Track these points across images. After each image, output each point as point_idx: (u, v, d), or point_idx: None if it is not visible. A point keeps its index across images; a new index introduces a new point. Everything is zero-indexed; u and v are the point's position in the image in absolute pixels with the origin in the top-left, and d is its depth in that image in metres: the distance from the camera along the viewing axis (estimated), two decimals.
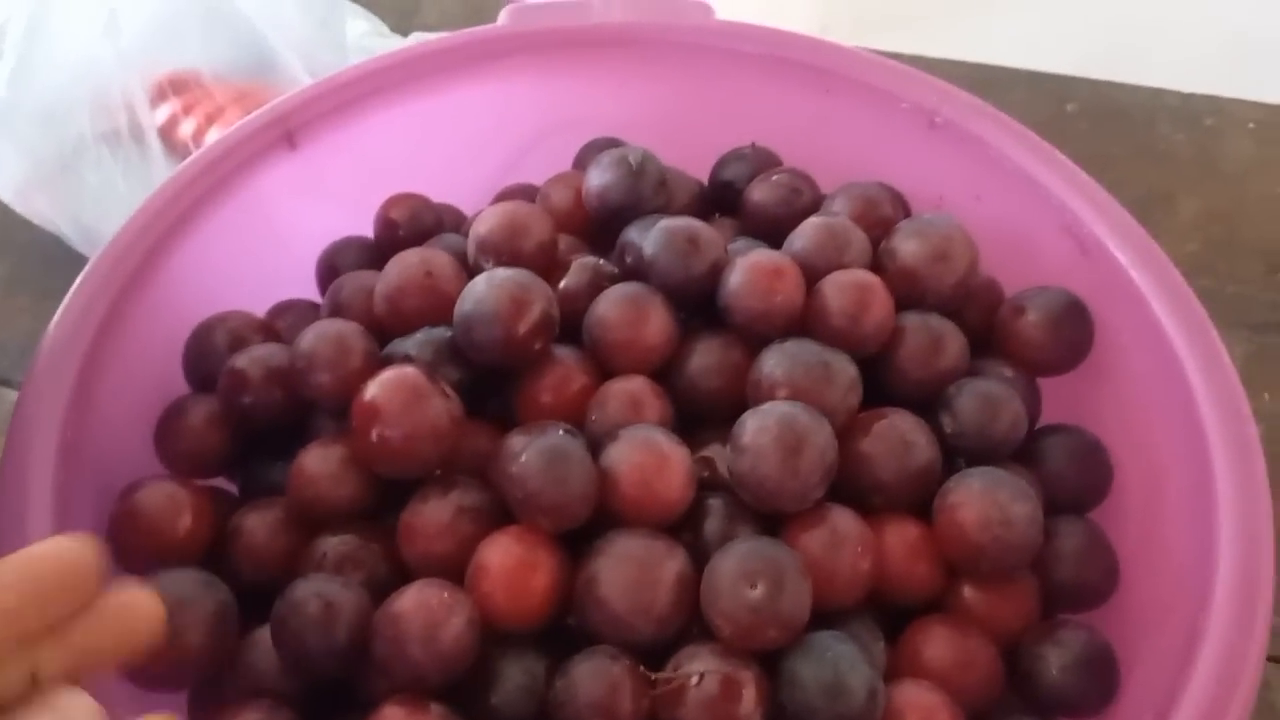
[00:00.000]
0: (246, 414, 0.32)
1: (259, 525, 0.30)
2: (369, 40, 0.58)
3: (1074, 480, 0.33)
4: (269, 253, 0.38)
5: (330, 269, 0.38)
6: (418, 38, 0.60)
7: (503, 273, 0.32)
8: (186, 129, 0.49)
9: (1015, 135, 0.37)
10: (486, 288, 0.31)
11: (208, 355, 0.34)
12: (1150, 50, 0.65)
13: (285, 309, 0.37)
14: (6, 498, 0.27)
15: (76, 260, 0.50)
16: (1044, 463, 0.33)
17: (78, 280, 0.32)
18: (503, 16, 0.42)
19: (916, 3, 0.70)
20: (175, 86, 0.52)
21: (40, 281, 0.51)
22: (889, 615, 0.30)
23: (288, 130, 0.37)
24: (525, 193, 0.42)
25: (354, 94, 0.39)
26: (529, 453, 0.28)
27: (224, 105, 0.49)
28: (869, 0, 0.67)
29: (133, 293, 0.33)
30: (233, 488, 0.35)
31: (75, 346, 0.30)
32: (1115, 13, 0.67)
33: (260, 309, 0.37)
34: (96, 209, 0.49)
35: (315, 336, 0.32)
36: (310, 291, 0.39)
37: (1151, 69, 0.61)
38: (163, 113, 0.51)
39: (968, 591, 0.30)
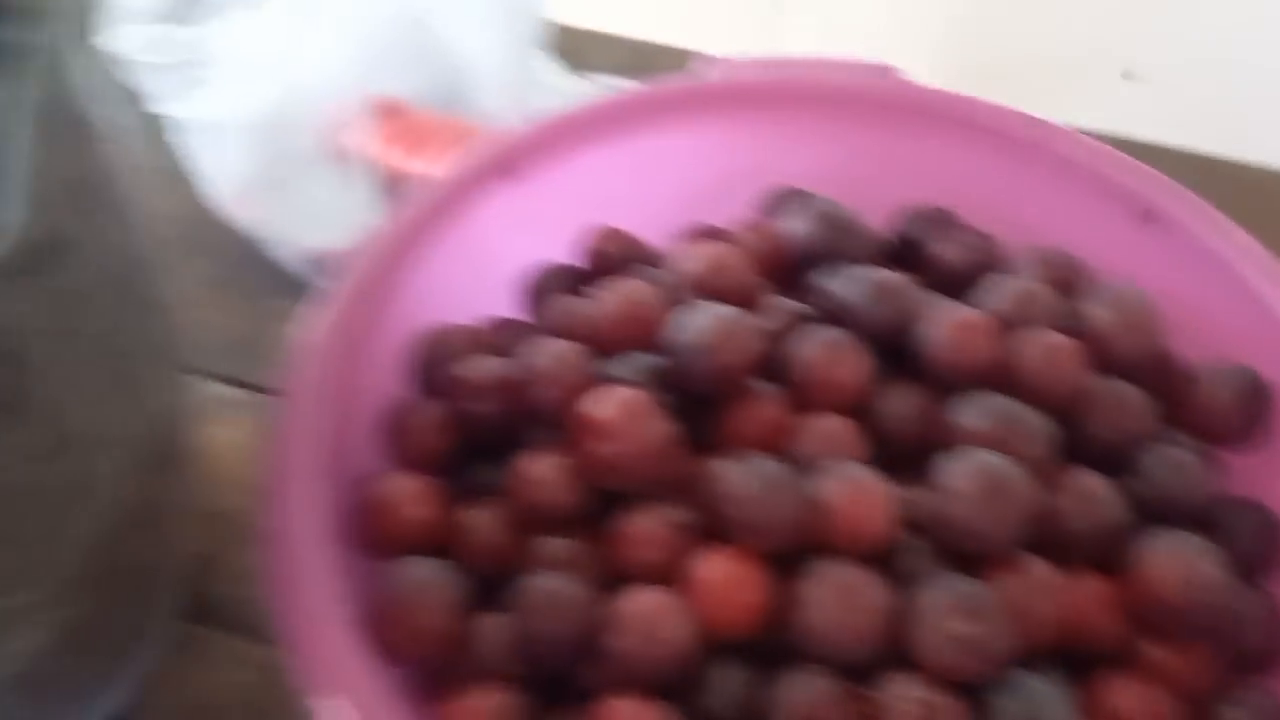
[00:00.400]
0: (472, 419, 0.35)
1: (482, 522, 0.33)
2: (554, 79, 0.61)
3: (1251, 552, 0.34)
4: (483, 274, 0.41)
5: (538, 292, 0.41)
6: (601, 81, 0.63)
7: (718, 307, 0.34)
8: (390, 153, 0.53)
9: (1201, 212, 0.39)
10: (704, 320, 0.34)
11: (435, 362, 0.37)
12: None
13: (498, 326, 0.40)
14: (281, 475, 0.30)
15: (272, 265, 0.53)
16: (1221, 533, 0.34)
17: (330, 290, 0.35)
18: (707, 69, 0.44)
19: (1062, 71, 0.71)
20: (381, 112, 0.55)
21: (239, 283, 0.54)
22: (1072, 666, 0.31)
23: (509, 163, 0.40)
24: (712, 234, 0.44)
25: (572, 133, 0.41)
26: (747, 477, 0.30)
27: (425, 133, 0.53)
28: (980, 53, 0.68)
29: (374, 301, 0.36)
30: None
31: (333, 347, 0.33)
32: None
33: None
34: (300, 221, 0.52)
35: (544, 353, 0.34)
36: (511, 311, 0.42)
37: None
38: (368, 136, 0.54)
39: (1154, 648, 0.31)
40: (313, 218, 0.52)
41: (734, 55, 0.45)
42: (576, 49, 0.70)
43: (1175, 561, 0.30)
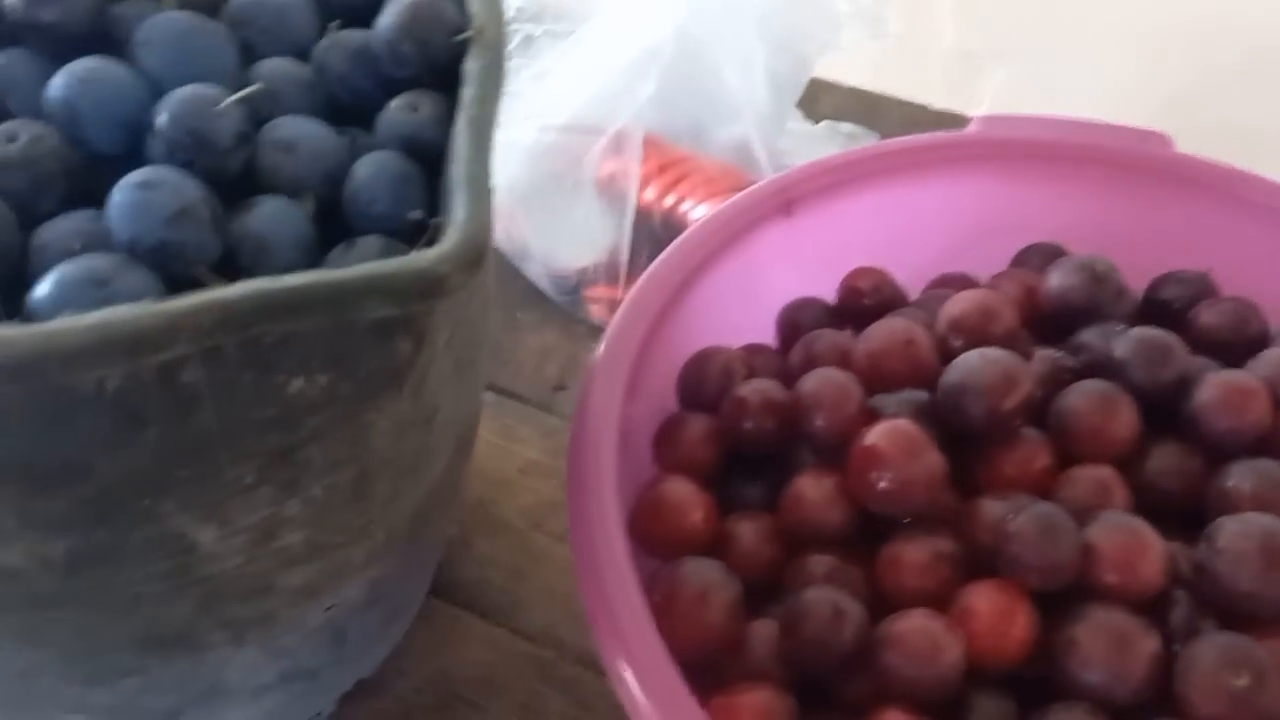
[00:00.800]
0: (742, 436, 0.37)
1: (751, 532, 0.35)
2: (792, 122, 0.63)
3: None
4: (750, 303, 0.43)
5: (793, 324, 0.43)
6: (834, 127, 0.65)
7: (994, 352, 0.35)
8: (628, 183, 0.56)
9: None
10: (981, 362, 0.35)
11: (703, 379, 0.39)
12: None
13: (755, 351, 0.42)
14: (584, 473, 0.33)
15: (525, 281, 0.57)
16: None
17: (623, 306, 0.38)
18: (974, 125, 0.46)
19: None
20: (645, 145, 0.58)
21: (496, 295, 0.58)
22: None
23: (789, 200, 0.42)
24: (963, 281, 0.45)
25: (843, 176, 0.44)
26: (1025, 516, 0.31)
27: (683, 170, 0.56)
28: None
29: (659, 323, 0.38)
30: None
31: (624, 359, 0.36)
32: None
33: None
34: (557, 242, 0.56)
35: (820, 380, 0.36)
36: (768, 339, 0.44)
37: None
38: (631, 167, 0.57)
39: None
40: (568, 240, 0.56)
41: (1006, 112, 0.46)
42: (805, 94, 0.73)
43: None
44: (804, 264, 0.44)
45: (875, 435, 0.34)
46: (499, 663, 0.42)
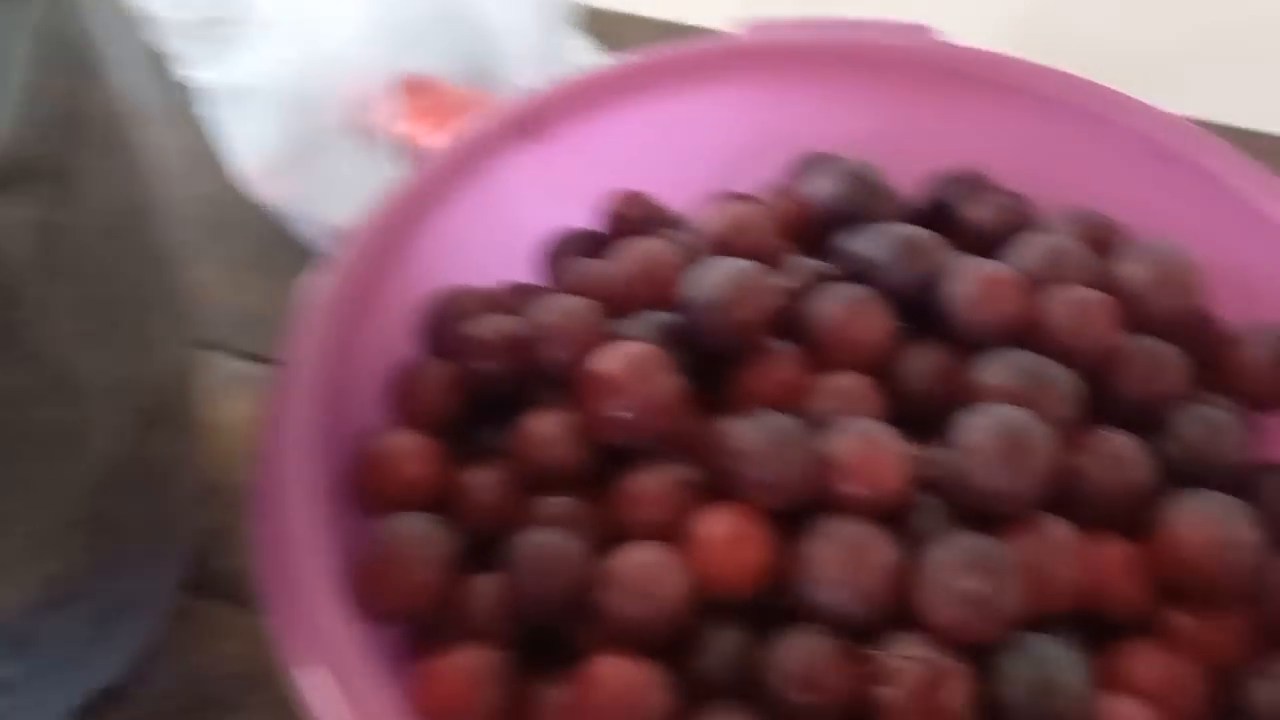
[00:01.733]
0: (480, 378, 0.34)
1: (482, 480, 0.32)
2: (586, 57, 0.60)
3: None
4: (504, 239, 0.40)
5: (555, 256, 0.41)
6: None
7: (733, 262, 0.33)
8: (417, 128, 0.53)
9: (1245, 169, 0.37)
10: (717, 275, 0.33)
11: (444, 322, 0.36)
12: None
13: (515, 289, 0.39)
14: (275, 435, 0.30)
15: (298, 243, 0.53)
16: (1259, 499, 0.32)
17: (339, 249, 0.35)
18: (743, 29, 0.43)
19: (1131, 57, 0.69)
20: (408, 87, 0.55)
21: (266, 261, 0.54)
22: (1093, 632, 0.30)
23: (528, 124, 0.39)
24: (738, 199, 0.43)
25: (598, 94, 0.41)
26: (754, 431, 0.29)
27: (456, 110, 0.52)
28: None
29: (384, 264, 0.35)
30: None
31: (337, 309, 0.33)
32: None
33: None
34: (325, 198, 0.53)
35: (555, 310, 0.34)
36: (529, 275, 0.41)
37: None
38: (398, 112, 0.54)
39: (1181, 615, 0.29)
40: (339, 194, 0.52)
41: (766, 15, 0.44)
42: (609, 30, 0.70)
43: (1204, 522, 0.29)
44: (565, 192, 0.41)
45: (603, 360, 0.31)
46: (259, 656, 0.39)
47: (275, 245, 0.54)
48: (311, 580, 0.27)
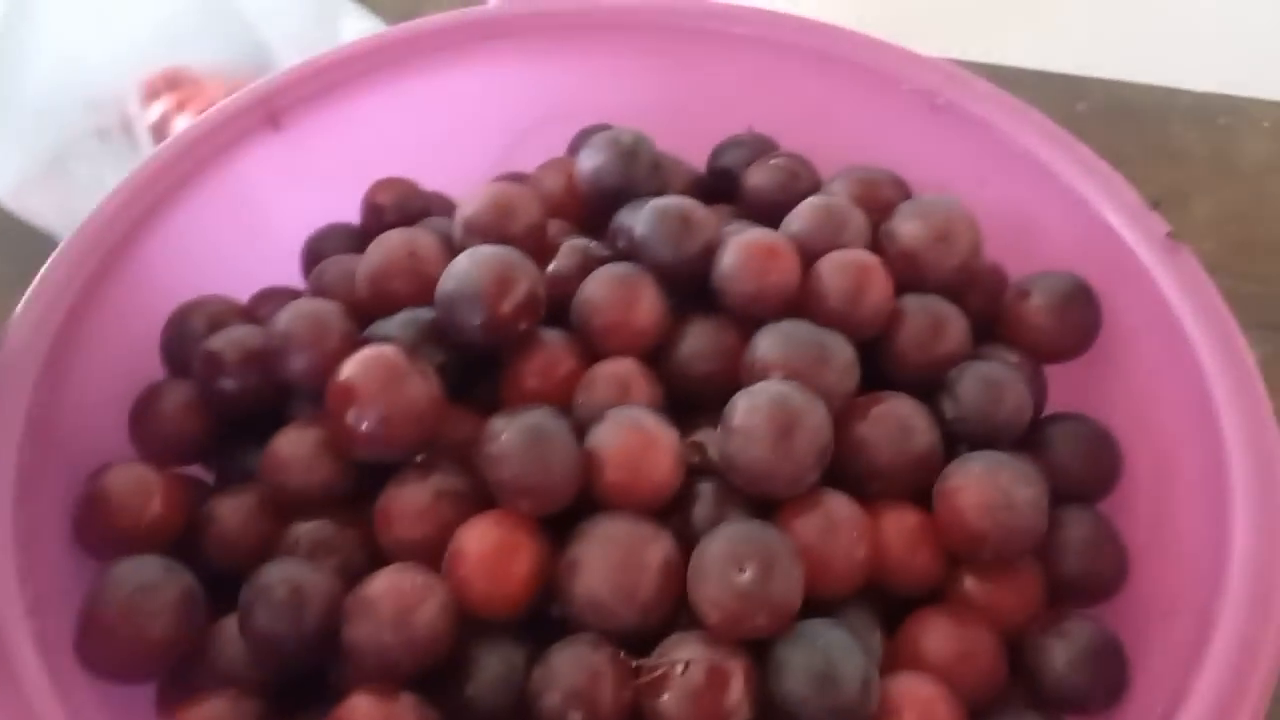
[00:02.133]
0: (223, 398, 0.31)
1: (231, 511, 0.29)
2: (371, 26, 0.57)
3: (1081, 469, 0.31)
4: (253, 239, 0.37)
5: (315, 255, 0.37)
6: None
7: (487, 249, 0.31)
8: (179, 125, 0.49)
9: (1020, 116, 0.36)
10: (469, 265, 0.30)
11: (185, 339, 0.33)
12: (1163, 49, 0.64)
13: (269, 296, 0.36)
14: None
15: None
16: (1050, 451, 0.32)
17: (50, 259, 0.31)
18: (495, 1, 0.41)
19: (919, 3, 0.69)
20: (169, 83, 0.52)
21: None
22: (887, 606, 0.29)
23: (272, 111, 0.36)
24: (506, 181, 0.41)
25: (342, 75, 0.38)
26: (509, 433, 0.27)
27: (217, 100, 0.49)
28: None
29: (109, 274, 0.32)
30: (209, 477, 0.33)
31: (46, 326, 0.29)
32: (1126, 11, 0.66)
33: (245, 296, 0.36)
34: (88, 205, 0.48)
35: (292, 316, 0.31)
36: (298, 280, 0.38)
37: (1165, 68, 0.60)
38: (156, 109, 0.51)
39: (969, 581, 0.28)
40: (96, 200, 0.48)
41: None
42: (408, 7, 0.66)
43: (981, 485, 0.27)
44: (319, 186, 0.38)
45: (347, 369, 0.28)
46: None
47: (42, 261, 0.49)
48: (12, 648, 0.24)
